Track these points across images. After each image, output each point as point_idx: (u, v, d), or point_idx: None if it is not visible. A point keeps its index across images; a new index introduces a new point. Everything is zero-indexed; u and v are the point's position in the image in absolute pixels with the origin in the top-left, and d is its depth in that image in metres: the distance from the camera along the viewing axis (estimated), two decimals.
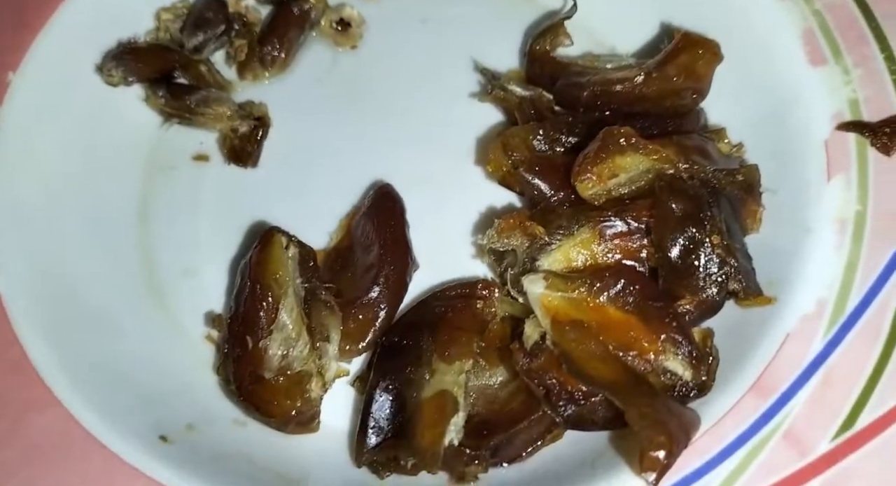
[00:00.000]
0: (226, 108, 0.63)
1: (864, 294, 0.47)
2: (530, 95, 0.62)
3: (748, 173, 0.53)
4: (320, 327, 0.52)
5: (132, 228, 0.60)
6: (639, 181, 0.53)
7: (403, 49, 0.68)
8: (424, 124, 0.64)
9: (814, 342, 0.46)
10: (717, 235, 0.49)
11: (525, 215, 0.53)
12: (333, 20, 0.69)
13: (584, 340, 0.45)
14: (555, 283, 0.49)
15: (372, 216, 0.58)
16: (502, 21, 0.69)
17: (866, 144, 0.52)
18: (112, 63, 0.60)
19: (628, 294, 0.48)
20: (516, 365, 0.47)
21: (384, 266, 0.55)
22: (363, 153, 0.63)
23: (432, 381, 0.48)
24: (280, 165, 0.64)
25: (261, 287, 0.52)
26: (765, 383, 0.45)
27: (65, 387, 0.48)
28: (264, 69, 0.67)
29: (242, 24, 0.67)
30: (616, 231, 0.52)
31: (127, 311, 0.55)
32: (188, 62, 0.64)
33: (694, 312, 0.49)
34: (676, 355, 0.45)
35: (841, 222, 0.50)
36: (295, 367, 0.50)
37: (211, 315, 0.56)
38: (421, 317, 0.53)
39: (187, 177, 0.63)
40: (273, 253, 0.53)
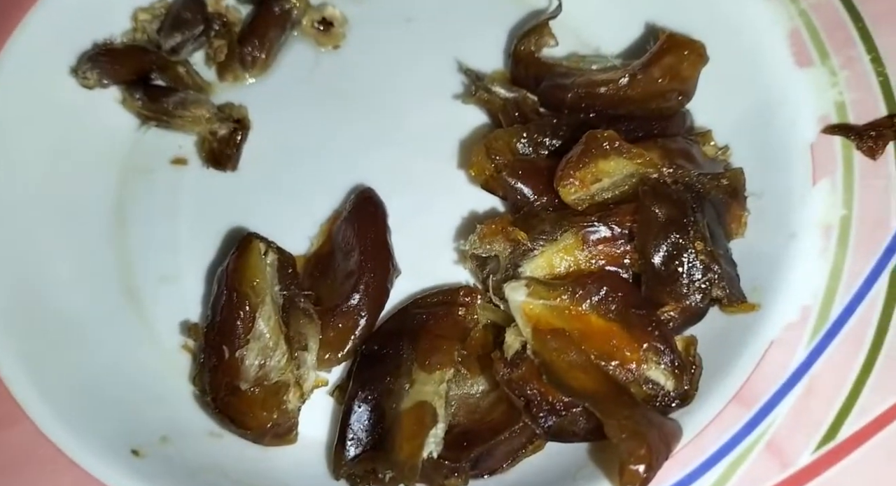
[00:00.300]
0: (204, 110, 0.62)
1: (849, 301, 0.46)
2: (514, 97, 0.62)
3: (733, 178, 0.53)
4: (298, 335, 0.51)
5: (108, 233, 0.59)
6: (622, 186, 0.53)
7: (387, 49, 0.67)
8: (407, 127, 0.63)
9: (797, 351, 0.46)
10: (701, 242, 0.48)
11: (508, 221, 0.53)
12: (315, 20, 0.68)
13: (565, 349, 0.45)
14: (537, 290, 0.48)
15: (353, 222, 0.57)
16: (487, 20, 0.68)
17: (852, 147, 0.51)
18: (87, 65, 0.59)
19: (611, 301, 0.47)
20: (496, 375, 0.46)
21: (365, 273, 0.54)
22: (345, 156, 0.62)
23: (412, 391, 0.48)
24: (260, 169, 0.63)
25: (238, 295, 0.51)
26: (748, 393, 0.45)
27: (33, 401, 0.47)
28: (244, 70, 0.66)
29: (222, 24, 0.66)
30: (599, 237, 0.51)
31: (100, 319, 0.54)
32: (166, 64, 0.63)
33: (677, 319, 0.49)
34: (659, 364, 0.44)
35: (826, 227, 0.49)
36: (272, 377, 0.49)
37: (187, 324, 0.55)
38: (401, 325, 0.53)
39: (165, 181, 0.62)
40: (250, 260, 0.53)
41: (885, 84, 0.52)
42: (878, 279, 0.46)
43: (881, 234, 0.48)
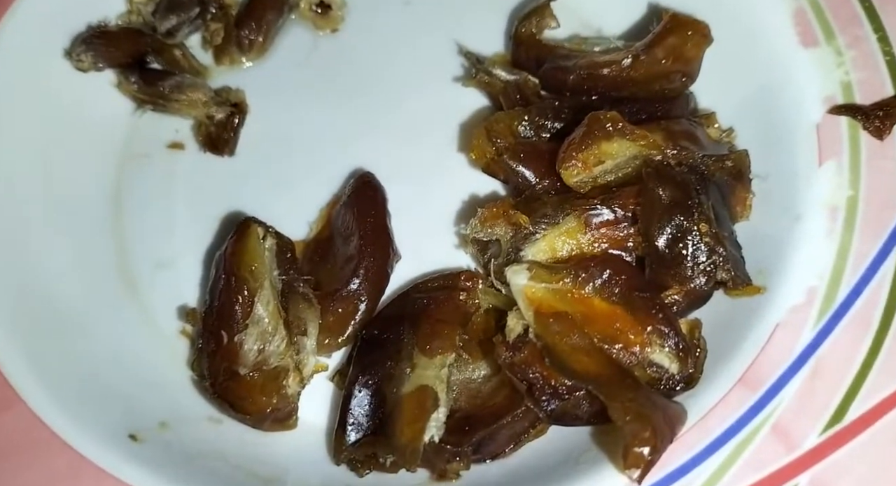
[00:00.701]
0: (201, 94, 0.61)
1: (856, 283, 0.46)
2: (515, 80, 0.61)
3: (738, 159, 0.52)
4: (298, 320, 0.50)
5: (105, 218, 0.58)
6: (626, 168, 0.52)
7: (386, 32, 0.66)
8: (407, 110, 0.63)
9: (803, 333, 0.45)
10: (706, 224, 0.47)
11: (509, 204, 0.52)
12: (313, 3, 0.67)
13: (567, 332, 0.44)
14: (539, 273, 0.48)
15: (352, 206, 0.57)
16: (486, 2, 0.67)
17: (858, 127, 0.50)
18: (81, 47, 0.58)
19: (614, 285, 0.46)
20: (498, 359, 0.45)
21: (364, 257, 0.54)
22: (344, 140, 0.62)
23: (412, 376, 0.47)
24: (258, 153, 0.62)
25: (236, 280, 0.50)
26: (753, 376, 0.44)
27: (29, 384, 0.46)
28: (242, 54, 0.65)
29: (218, 7, 0.65)
30: (602, 220, 0.50)
31: (98, 304, 0.54)
32: (161, 47, 0.62)
33: (682, 302, 0.48)
34: (663, 347, 0.44)
35: (832, 209, 0.49)
36: (271, 362, 0.48)
37: (185, 309, 0.54)
38: (402, 309, 0.52)
39: (162, 166, 0.61)
40: (249, 244, 0.52)
41: (891, 63, 0.51)
42: (886, 261, 0.46)
43: (888, 215, 0.47)
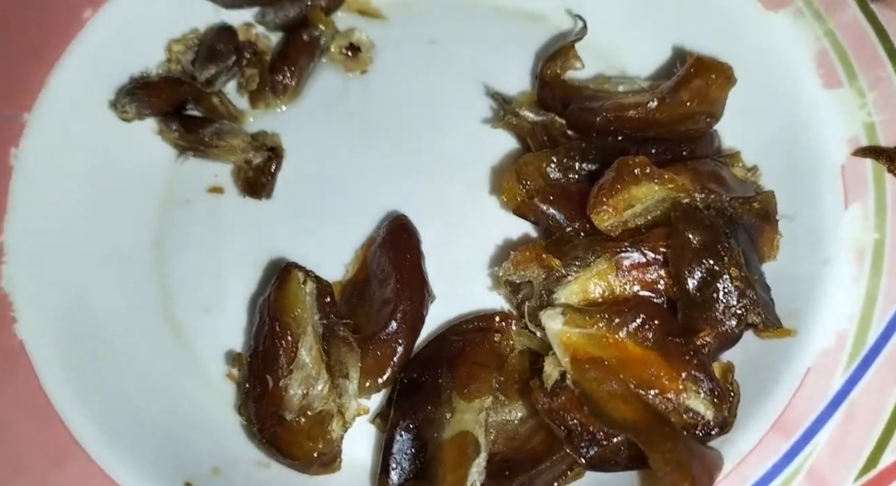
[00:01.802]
0: (239, 139, 0.63)
1: (885, 327, 0.47)
2: (542, 121, 0.62)
3: (764, 201, 0.53)
4: (339, 364, 0.52)
5: (150, 264, 0.60)
6: (654, 211, 0.53)
7: (413, 72, 0.68)
8: (437, 151, 0.64)
9: (835, 377, 0.46)
10: (736, 267, 0.48)
11: (541, 247, 0.53)
12: (343, 46, 0.69)
13: (604, 378, 0.45)
14: (573, 318, 0.49)
15: (387, 249, 0.58)
16: (512, 41, 0.68)
17: (883, 170, 0.52)
18: (126, 99, 0.60)
19: (647, 330, 0.48)
20: (537, 405, 0.47)
21: (401, 301, 0.55)
22: (377, 181, 0.63)
23: (452, 421, 0.49)
24: (294, 196, 0.64)
25: (280, 325, 0.52)
26: (787, 421, 0.45)
27: (91, 437, 0.48)
28: (276, 98, 0.67)
29: (253, 53, 0.67)
30: (633, 262, 0.52)
31: (148, 351, 0.56)
32: (200, 94, 0.64)
33: (713, 343, 0.49)
34: (698, 393, 0.45)
35: (859, 252, 0.50)
36: (315, 406, 0.50)
37: (231, 353, 0.56)
38: (439, 352, 0.54)
39: (203, 210, 0.63)
40: (291, 290, 0.54)
41: None
42: None
43: None
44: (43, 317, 0.52)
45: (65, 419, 0.49)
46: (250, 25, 0.68)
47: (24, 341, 0.51)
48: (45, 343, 0.52)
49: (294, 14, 0.68)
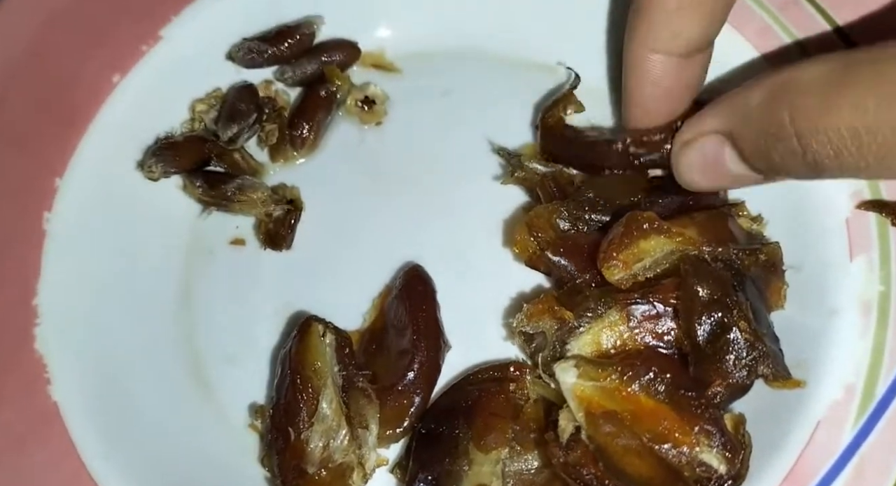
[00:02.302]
0: (260, 193, 0.66)
1: (893, 380, 0.48)
2: (551, 172, 0.64)
3: (770, 252, 0.54)
4: (358, 416, 0.54)
5: (175, 316, 0.62)
6: (664, 263, 0.55)
7: (427, 123, 0.70)
8: (452, 201, 0.66)
9: (845, 430, 0.47)
10: (744, 320, 0.50)
11: (553, 299, 0.55)
12: (359, 99, 0.71)
13: (618, 432, 0.47)
14: (586, 371, 0.50)
15: (404, 300, 0.60)
16: (523, 91, 0.70)
17: (887, 223, 0.53)
18: (152, 159, 0.63)
19: (659, 382, 0.49)
20: (552, 459, 0.48)
21: (418, 352, 0.57)
22: (393, 231, 0.65)
23: (470, 473, 0.50)
24: (313, 247, 0.66)
25: (301, 379, 0.54)
26: (798, 474, 0.46)
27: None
28: (295, 151, 0.70)
29: (272, 109, 0.70)
30: (644, 313, 0.53)
31: (175, 405, 0.57)
32: (223, 152, 0.66)
33: (724, 393, 0.50)
34: (711, 447, 0.46)
35: (865, 305, 0.51)
36: (336, 458, 0.52)
37: (254, 405, 0.58)
38: (455, 402, 0.55)
39: (226, 262, 0.65)
40: (311, 343, 0.55)
41: None
42: None
43: None
44: (76, 378, 0.54)
45: (98, 481, 0.50)
46: (270, 82, 0.71)
47: (58, 403, 0.53)
48: (78, 404, 0.53)
49: (311, 71, 0.70)
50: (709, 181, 0.51)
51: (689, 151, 0.50)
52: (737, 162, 0.47)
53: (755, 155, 0.44)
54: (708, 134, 0.48)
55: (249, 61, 0.69)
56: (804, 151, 0.40)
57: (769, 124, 0.42)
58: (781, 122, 0.41)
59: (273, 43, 0.69)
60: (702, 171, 0.50)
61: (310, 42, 0.71)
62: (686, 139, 0.50)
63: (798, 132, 0.40)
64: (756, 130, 0.43)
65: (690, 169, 0.51)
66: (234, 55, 0.69)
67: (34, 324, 0.56)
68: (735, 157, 0.46)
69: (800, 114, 0.40)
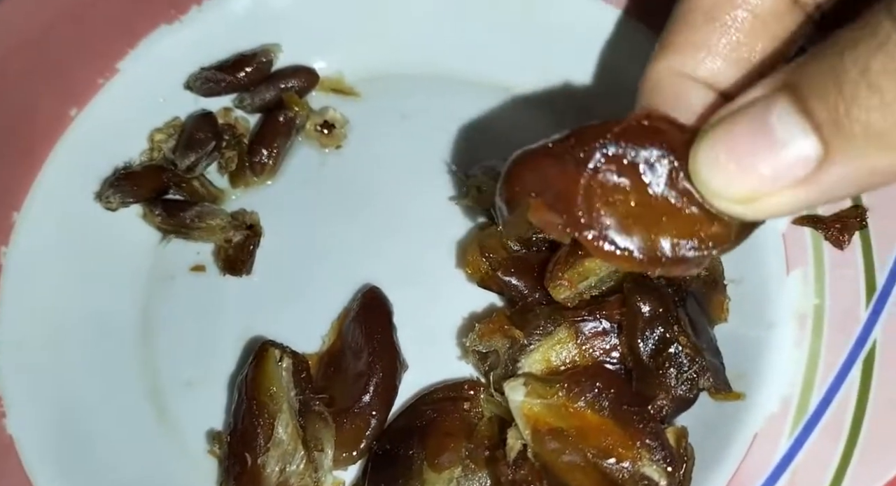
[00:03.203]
0: (219, 220, 0.67)
1: (825, 392, 0.49)
2: None
3: (711, 267, 0.56)
4: (315, 439, 0.55)
5: (135, 344, 0.63)
6: (608, 281, 0.56)
7: (386, 146, 0.71)
8: (409, 222, 0.67)
9: (780, 442, 0.48)
10: (685, 336, 0.51)
11: (505, 318, 0.56)
12: (318, 124, 0.73)
13: (563, 449, 0.48)
14: (535, 388, 0.51)
15: (360, 322, 0.61)
16: (480, 111, 0.72)
17: (821, 237, 0.54)
18: (110, 190, 0.64)
19: (604, 398, 0.50)
20: (500, 477, 0.49)
21: (374, 374, 0.58)
22: (352, 253, 0.66)
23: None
24: (273, 271, 0.67)
25: (256, 404, 0.55)
26: (737, 485, 0.47)
27: None
28: (255, 176, 0.71)
29: (232, 136, 0.71)
30: (592, 330, 0.54)
31: (134, 434, 0.58)
32: (182, 180, 0.68)
33: (669, 406, 0.52)
34: (652, 461, 0.47)
35: (801, 317, 0.52)
36: (292, 482, 0.53)
37: (213, 432, 0.59)
38: (410, 423, 0.56)
39: (186, 289, 0.66)
40: (267, 368, 0.56)
41: None
42: (852, 369, 0.49)
43: (852, 324, 0.51)
44: (32, 411, 0.55)
45: None
46: (229, 109, 0.72)
47: (14, 436, 0.54)
48: (34, 438, 0.54)
49: (270, 97, 0.71)
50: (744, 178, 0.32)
51: (712, 139, 0.33)
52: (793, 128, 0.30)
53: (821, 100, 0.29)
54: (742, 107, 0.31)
55: (207, 90, 0.70)
56: None
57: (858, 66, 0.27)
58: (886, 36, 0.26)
59: (230, 71, 0.70)
60: (736, 160, 0.31)
61: (268, 69, 0.72)
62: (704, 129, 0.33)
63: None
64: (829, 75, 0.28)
65: (715, 165, 0.33)
66: (191, 84, 0.70)
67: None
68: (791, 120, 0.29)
69: None
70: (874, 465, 0.46)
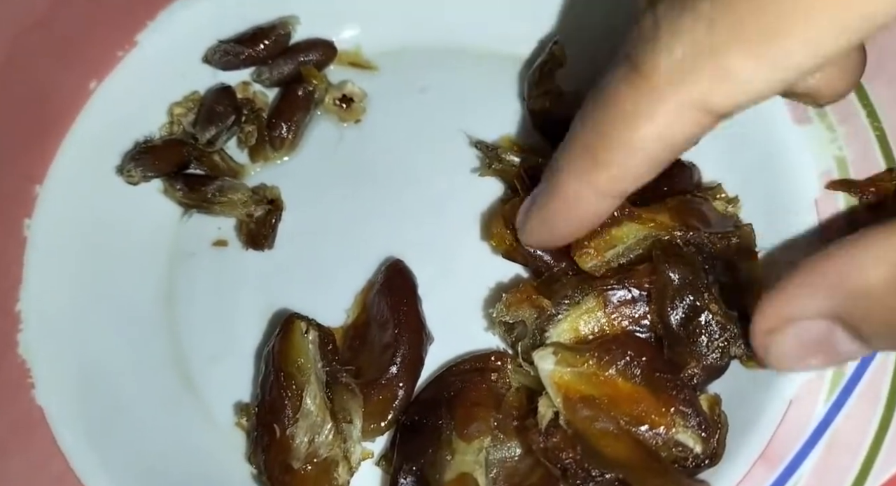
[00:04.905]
0: (240, 194, 0.66)
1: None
2: (526, 163, 0.64)
3: (743, 236, 0.55)
4: (343, 410, 0.54)
5: (159, 318, 0.63)
6: (637, 249, 0.55)
7: (406, 120, 0.71)
8: (431, 196, 0.67)
9: (817, 407, 0.48)
10: (715, 303, 0.50)
11: (531, 288, 0.55)
12: (336, 98, 0.72)
13: (596, 417, 0.47)
14: (564, 357, 0.51)
15: (385, 295, 0.61)
16: (501, 84, 0.71)
17: (855, 202, 0.54)
18: (131, 164, 0.64)
19: (635, 366, 0.49)
20: (532, 445, 0.48)
21: (401, 345, 0.57)
22: (374, 227, 0.66)
23: (453, 462, 0.51)
24: (295, 246, 0.66)
25: (284, 376, 0.54)
26: (773, 452, 0.47)
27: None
28: (275, 151, 0.70)
29: (251, 110, 0.70)
30: (620, 299, 0.53)
31: (161, 406, 0.58)
32: (202, 154, 0.67)
33: (700, 374, 0.51)
34: (686, 428, 0.47)
35: None
36: (321, 453, 0.52)
37: (240, 404, 0.59)
38: (438, 393, 0.56)
39: (208, 264, 0.66)
40: (294, 340, 0.56)
41: (881, 138, 0.55)
42: None
43: None
44: (60, 382, 0.55)
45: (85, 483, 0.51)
46: (247, 83, 0.72)
47: (43, 408, 0.54)
48: (63, 408, 0.54)
49: (288, 71, 0.71)
50: (809, 366, 0.42)
51: (784, 341, 0.41)
52: (851, 344, 0.39)
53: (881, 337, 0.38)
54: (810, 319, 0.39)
55: (226, 63, 0.70)
56: None
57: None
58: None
59: (249, 44, 0.69)
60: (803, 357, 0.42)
61: (286, 42, 0.71)
62: (773, 327, 0.41)
63: None
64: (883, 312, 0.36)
65: (787, 357, 0.42)
66: (210, 58, 0.69)
67: (17, 330, 0.56)
68: (849, 339, 0.39)
69: None
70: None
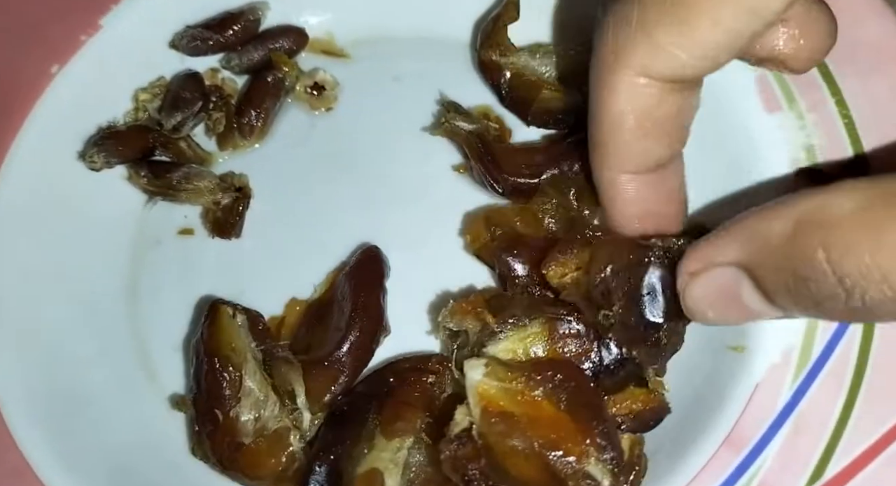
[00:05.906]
0: (207, 181, 0.66)
1: (828, 340, 0.48)
2: (476, 129, 0.63)
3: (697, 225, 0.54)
4: (284, 382, 0.54)
5: (123, 308, 0.62)
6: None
7: (379, 109, 0.70)
8: (402, 186, 0.66)
9: (782, 392, 0.48)
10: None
11: (481, 300, 0.53)
12: (308, 85, 0.71)
13: (510, 433, 0.45)
14: (495, 371, 0.48)
15: (352, 277, 0.60)
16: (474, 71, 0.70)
17: None
18: (93, 149, 0.63)
19: (563, 390, 0.47)
20: (441, 453, 0.46)
21: (352, 331, 0.56)
22: (344, 217, 0.65)
23: (368, 457, 0.50)
24: (263, 234, 0.66)
25: (219, 360, 0.53)
26: (737, 436, 0.46)
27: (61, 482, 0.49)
28: (243, 139, 0.69)
29: (219, 97, 0.69)
30: (567, 330, 0.50)
31: (123, 395, 0.57)
32: (168, 140, 0.66)
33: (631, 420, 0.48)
34: (599, 461, 0.44)
35: None
36: (270, 426, 0.52)
37: (175, 397, 0.58)
38: (372, 387, 0.55)
39: (173, 252, 0.65)
40: (223, 324, 0.55)
41: (849, 126, 0.54)
42: None
43: None
44: (16, 372, 0.54)
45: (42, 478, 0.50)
46: (216, 70, 0.71)
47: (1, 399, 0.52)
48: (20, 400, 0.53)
49: (258, 58, 0.70)
50: (722, 317, 0.43)
51: (699, 284, 0.42)
52: (757, 299, 0.39)
53: (780, 294, 0.38)
54: (721, 265, 0.40)
55: (193, 49, 0.69)
56: (849, 294, 0.34)
57: (798, 263, 0.35)
58: (814, 261, 0.34)
59: (217, 30, 0.68)
60: (714, 305, 0.42)
61: (255, 29, 0.70)
62: (694, 270, 0.42)
63: (841, 273, 0.33)
64: (781, 267, 0.36)
65: (701, 302, 0.43)
66: (177, 43, 0.68)
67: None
68: (755, 293, 0.39)
69: (841, 253, 0.33)
70: (877, 411, 0.45)
